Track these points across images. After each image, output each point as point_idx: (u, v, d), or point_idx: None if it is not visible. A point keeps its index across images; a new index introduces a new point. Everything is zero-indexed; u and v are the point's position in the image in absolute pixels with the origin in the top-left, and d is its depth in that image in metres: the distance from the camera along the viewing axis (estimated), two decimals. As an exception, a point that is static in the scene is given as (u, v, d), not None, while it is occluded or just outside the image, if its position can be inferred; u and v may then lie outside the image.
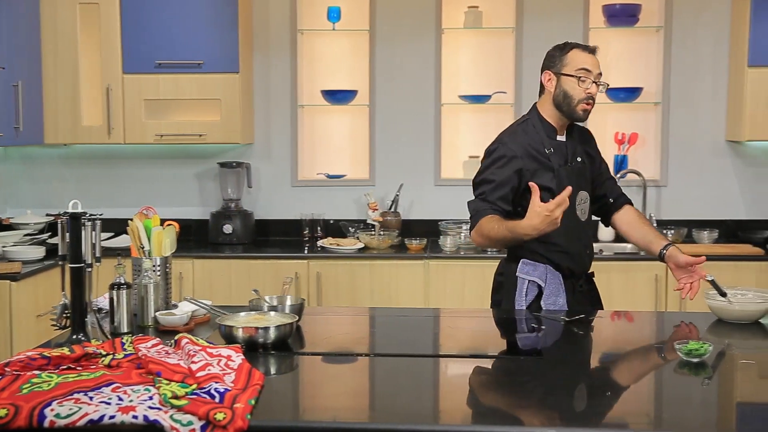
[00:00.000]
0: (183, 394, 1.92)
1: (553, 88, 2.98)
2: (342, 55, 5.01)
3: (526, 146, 2.96)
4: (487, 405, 2.10)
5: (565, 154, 3.03)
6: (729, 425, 2.04)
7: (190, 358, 2.15)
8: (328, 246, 4.60)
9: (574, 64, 2.95)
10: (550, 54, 3.03)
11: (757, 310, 2.83)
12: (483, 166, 3.02)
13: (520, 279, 2.99)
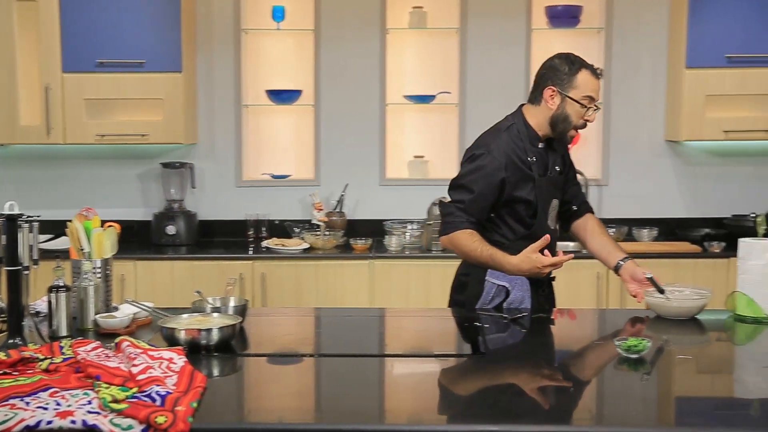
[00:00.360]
0: (123, 397, 1.89)
1: (555, 106, 2.93)
2: (287, 54, 4.98)
3: (510, 154, 2.93)
4: (431, 404, 2.10)
5: (545, 163, 3.02)
6: (668, 419, 2.07)
7: (131, 361, 2.12)
8: (272, 246, 4.57)
9: (583, 90, 2.90)
10: (557, 68, 2.94)
11: (694, 306, 2.89)
12: (466, 170, 2.96)
13: (489, 283, 2.98)
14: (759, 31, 4.46)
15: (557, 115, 2.94)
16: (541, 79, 2.98)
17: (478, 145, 3.00)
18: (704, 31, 4.49)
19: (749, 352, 2.67)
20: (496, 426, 1.89)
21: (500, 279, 2.97)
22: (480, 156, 2.94)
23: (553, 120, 2.95)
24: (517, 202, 2.95)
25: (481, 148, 2.97)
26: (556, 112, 2.93)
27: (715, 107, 4.55)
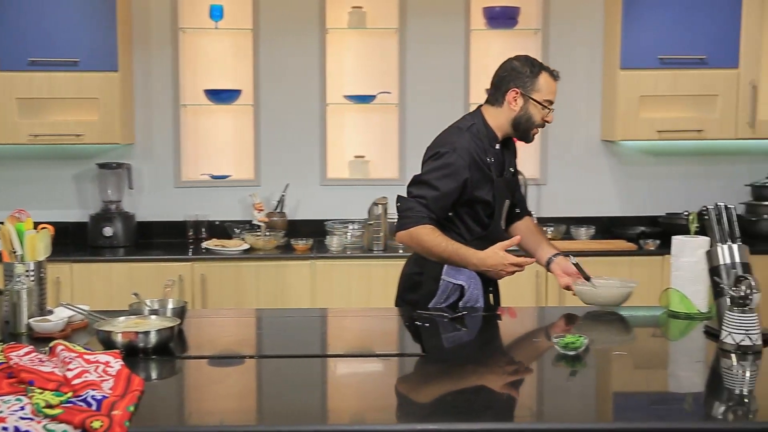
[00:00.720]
0: (57, 402, 1.85)
1: (519, 107, 2.98)
2: (225, 54, 4.94)
3: (473, 154, 2.95)
4: (374, 403, 2.10)
5: (501, 163, 3.06)
6: (606, 415, 2.11)
7: (66, 365, 2.07)
8: (212, 247, 4.53)
9: (544, 92, 2.97)
10: (519, 71, 2.99)
11: (619, 295, 2.96)
12: (430, 167, 2.95)
13: (444, 281, 2.99)
14: (690, 33, 4.56)
15: (520, 116, 2.99)
16: (502, 82, 3.01)
17: (442, 143, 3.00)
18: (638, 33, 4.58)
19: (682, 348, 2.73)
20: (438, 425, 1.90)
21: (456, 278, 2.98)
22: (445, 154, 2.93)
23: (516, 121, 3.00)
24: (476, 202, 2.97)
25: (445, 146, 2.96)
26: (519, 113, 2.98)
27: (648, 108, 4.64)
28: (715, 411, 2.06)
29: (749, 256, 2.62)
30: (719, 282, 2.58)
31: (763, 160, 4.96)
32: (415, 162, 4.86)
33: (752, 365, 2.35)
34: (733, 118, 4.62)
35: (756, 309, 2.43)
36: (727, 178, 4.98)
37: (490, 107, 3.05)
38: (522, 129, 3.01)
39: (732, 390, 2.22)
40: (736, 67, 4.58)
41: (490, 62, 4.91)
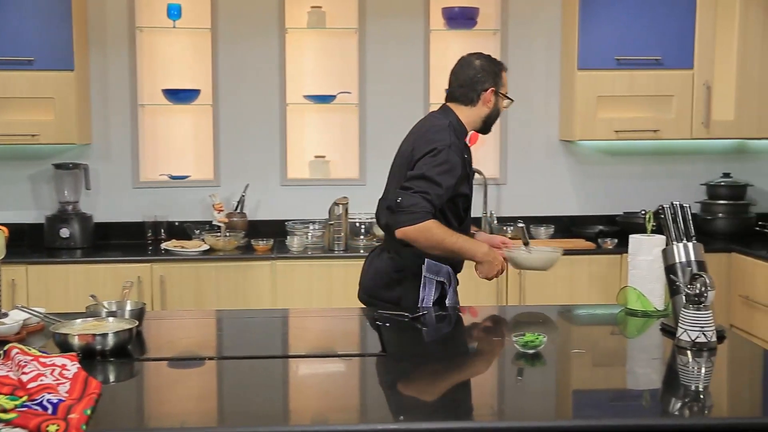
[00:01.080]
0: (12, 407, 1.82)
1: (493, 105, 3.13)
2: (184, 53, 4.90)
3: (460, 150, 3.04)
4: (335, 403, 2.10)
5: (469, 159, 3.15)
6: (566, 413, 2.13)
7: (21, 369, 2.04)
8: (172, 248, 4.49)
9: (506, 86, 3.19)
10: (494, 71, 3.14)
11: (547, 259, 3.14)
12: (432, 163, 2.95)
13: (428, 278, 3.05)
14: (646, 35, 4.63)
15: (493, 112, 3.16)
16: (476, 83, 3.12)
17: (435, 139, 3.01)
18: (595, 34, 4.63)
19: (640, 345, 2.77)
20: (399, 424, 1.90)
21: (438, 275, 3.06)
22: (443, 150, 2.96)
23: (490, 117, 3.16)
24: (459, 197, 3.06)
25: (440, 142, 2.99)
26: (493, 110, 3.15)
27: (606, 108, 4.70)
28: (671, 407, 2.09)
29: (704, 255, 2.66)
30: (675, 280, 2.62)
31: (717, 159, 5.05)
32: (376, 162, 4.89)
33: (707, 362, 2.39)
34: (689, 119, 4.69)
35: (711, 306, 2.47)
36: (682, 177, 5.05)
37: (462, 106, 3.14)
38: (491, 123, 3.19)
39: (688, 386, 2.26)
40: (691, 68, 4.65)
41: (450, 62, 4.93)
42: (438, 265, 3.05)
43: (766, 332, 4.13)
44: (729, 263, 4.47)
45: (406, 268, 3.08)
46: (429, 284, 3.06)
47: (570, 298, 4.37)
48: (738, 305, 4.39)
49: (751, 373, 2.48)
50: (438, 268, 3.06)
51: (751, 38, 4.65)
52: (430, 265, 3.04)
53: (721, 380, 2.34)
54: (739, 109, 4.70)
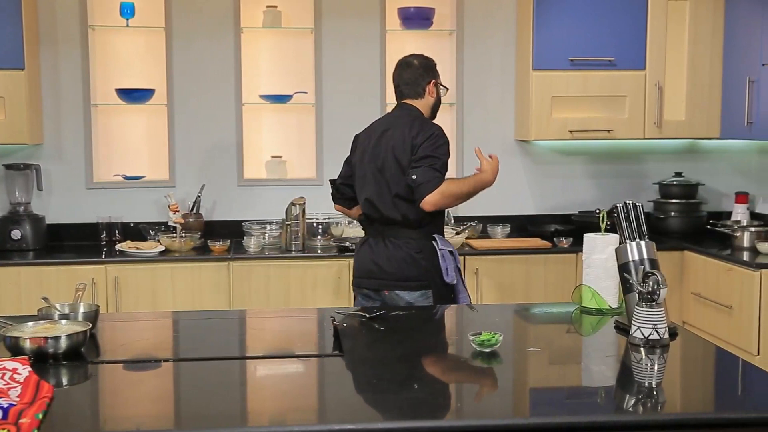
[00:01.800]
0: (-36, 412, 1.79)
1: (435, 95, 3.62)
2: (137, 52, 4.85)
3: None
4: (293, 404, 2.10)
5: None
6: (523, 410, 2.15)
7: (-27, 373, 2.01)
8: (126, 250, 4.44)
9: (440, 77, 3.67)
10: (432, 66, 3.63)
11: None
12: (436, 144, 3.44)
13: (442, 250, 3.46)
14: (599, 36, 4.68)
15: (437, 101, 3.64)
16: (421, 78, 3.58)
17: (432, 125, 3.52)
18: (549, 35, 4.67)
19: (594, 343, 2.80)
20: (357, 424, 1.91)
21: (447, 246, 3.50)
22: (440, 134, 3.48)
23: (436, 105, 3.64)
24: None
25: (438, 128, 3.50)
26: (436, 99, 3.63)
27: (560, 108, 4.74)
28: (625, 404, 2.13)
29: (657, 253, 2.70)
30: (628, 278, 2.65)
31: (669, 159, 5.13)
32: (333, 162, 4.88)
33: (660, 359, 2.43)
34: (641, 119, 4.76)
35: (663, 304, 2.51)
36: (635, 176, 5.13)
37: (414, 100, 3.59)
38: (437, 110, 3.66)
39: (641, 383, 2.30)
40: (643, 68, 4.72)
41: (406, 63, 4.99)
42: (444, 239, 3.52)
43: (717, 329, 4.21)
44: (681, 261, 4.55)
45: (424, 247, 3.46)
46: (445, 255, 3.45)
47: (526, 297, 4.41)
48: (690, 302, 4.47)
49: (703, 369, 2.52)
50: (444, 241, 3.51)
51: (701, 40, 4.73)
52: (439, 240, 3.48)
53: (674, 376, 2.39)
54: (690, 110, 4.78)
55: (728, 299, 4.12)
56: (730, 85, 4.66)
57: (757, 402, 2.22)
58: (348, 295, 4.36)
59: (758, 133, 4.36)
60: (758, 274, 3.94)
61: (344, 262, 4.38)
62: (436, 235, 3.50)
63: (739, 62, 4.55)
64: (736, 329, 4.07)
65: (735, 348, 4.00)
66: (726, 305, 4.12)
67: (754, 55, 4.38)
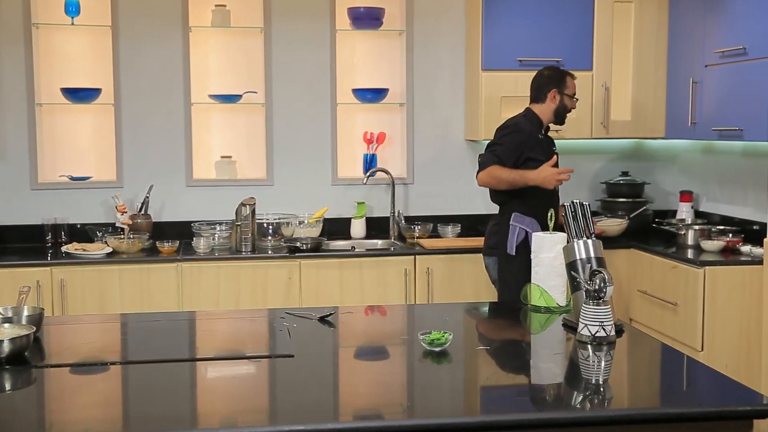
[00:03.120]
0: None
1: (558, 102, 4.11)
2: (83, 51, 4.77)
3: (529, 129, 4.04)
4: (244, 406, 2.09)
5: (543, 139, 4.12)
6: (474, 408, 2.17)
7: None
8: (73, 252, 4.37)
9: (571, 87, 4.16)
10: (558, 77, 4.12)
11: None
12: (503, 133, 4.03)
13: (512, 226, 3.96)
14: (547, 37, 4.73)
15: (560, 108, 4.13)
16: (544, 86, 4.12)
17: (513, 120, 4.11)
18: (497, 35, 4.71)
19: (543, 340, 2.84)
20: (308, 425, 1.90)
21: (521, 224, 3.93)
22: (506, 126, 4.07)
23: (558, 111, 4.14)
24: (530, 160, 3.96)
25: (513, 121, 4.09)
26: (558, 106, 4.11)
27: (510, 108, 4.76)
28: (573, 400, 2.16)
29: (603, 251, 2.74)
30: (576, 276, 2.69)
31: (616, 158, 5.21)
32: (283, 162, 4.88)
33: (607, 355, 2.47)
34: (589, 119, 4.82)
35: (610, 301, 2.55)
36: (583, 176, 5.19)
37: (534, 104, 4.14)
38: (561, 116, 4.16)
39: (589, 380, 2.33)
40: (590, 69, 4.79)
41: (356, 62, 5.00)
42: (521, 216, 3.95)
43: (663, 326, 4.29)
44: (628, 259, 4.62)
45: (501, 221, 4.04)
46: (514, 231, 3.94)
47: (476, 296, 4.43)
48: (637, 300, 4.54)
49: (649, 365, 2.57)
50: (521, 218, 3.94)
51: (646, 41, 4.81)
52: (515, 216, 3.96)
53: (621, 373, 2.43)
54: (636, 110, 4.86)
55: (673, 296, 4.19)
56: (674, 86, 4.74)
57: (702, 397, 2.27)
58: (299, 296, 4.36)
59: (702, 133, 4.45)
60: (702, 271, 4.02)
61: (295, 262, 4.37)
62: (515, 212, 3.97)
63: (683, 63, 4.64)
64: (681, 326, 4.15)
65: (680, 344, 4.08)
66: (671, 302, 4.20)
67: (697, 56, 4.46)
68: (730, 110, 4.16)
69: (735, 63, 4.10)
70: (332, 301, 4.30)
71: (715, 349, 4.01)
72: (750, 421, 2.08)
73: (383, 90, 4.95)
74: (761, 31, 3.87)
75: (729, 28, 4.16)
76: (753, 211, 4.52)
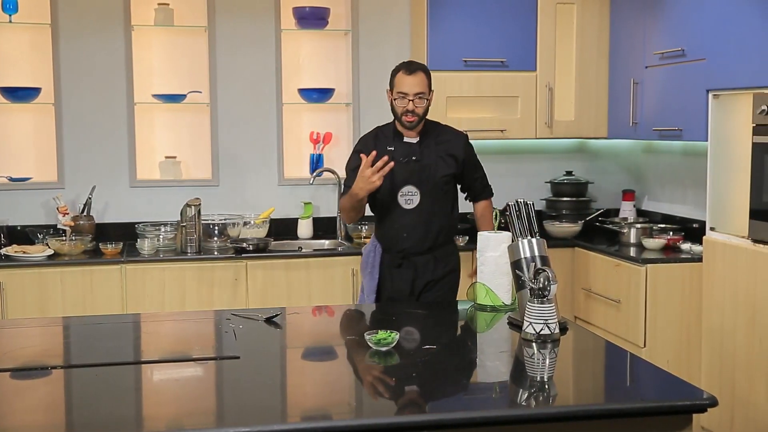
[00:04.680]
0: None
1: (390, 103, 3.56)
2: (22, 49, 4.68)
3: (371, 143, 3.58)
4: (190, 408, 2.07)
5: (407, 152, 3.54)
6: (420, 407, 2.18)
7: None
8: (13, 254, 4.28)
9: (398, 85, 3.51)
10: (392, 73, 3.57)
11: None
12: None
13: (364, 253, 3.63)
14: (491, 38, 4.77)
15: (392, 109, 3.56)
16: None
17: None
18: (442, 36, 4.74)
19: (489, 339, 2.86)
20: (254, 426, 1.90)
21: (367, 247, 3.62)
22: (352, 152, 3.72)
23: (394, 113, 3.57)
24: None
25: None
26: (391, 107, 3.56)
27: (455, 108, 4.82)
28: (519, 398, 2.18)
29: (548, 250, 2.78)
30: (520, 275, 2.72)
31: (560, 158, 5.27)
32: (228, 162, 4.84)
33: (551, 353, 2.50)
34: (533, 119, 4.88)
35: (554, 299, 2.58)
36: (528, 175, 5.25)
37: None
38: (398, 120, 3.56)
39: (534, 377, 2.36)
40: (534, 70, 4.84)
41: (302, 62, 4.98)
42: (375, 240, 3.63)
43: (606, 323, 4.36)
44: (572, 258, 4.68)
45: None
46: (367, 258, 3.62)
47: (423, 295, 4.45)
48: (581, 298, 4.61)
49: (593, 362, 2.61)
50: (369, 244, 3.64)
51: (588, 42, 4.88)
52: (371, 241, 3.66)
53: (566, 370, 2.46)
54: (579, 110, 4.93)
55: (616, 294, 4.26)
56: (615, 86, 4.82)
57: (644, 393, 2.31)
58: (245, 297, 4.33)
59: (642, 133, 4.54)
60: (644, 269, 4.09)
61: (241, 263, 4.34)
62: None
63: (624, 64, 4.72)
64: (624, 323, 4.22)
65: (623, 341, 4.15)
66: (614, 300, 4.27)
67: (637, 57, 4.55)
68: (669, 111, 4.25)
69: (674, 64, 4.19)
70: (279, 302, 4.29)
71: (657, 345, 4.09)
72: (690, 416, 2.13)
73: (329, 90, 4.94)
74: (699, 32, 3.96)
75: (668, 30, 4.24)
76: (692, 209, 4.62)
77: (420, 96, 3.48)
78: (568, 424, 2.05)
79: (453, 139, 3.69)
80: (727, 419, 3.65)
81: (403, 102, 3.48)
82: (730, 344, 3.65)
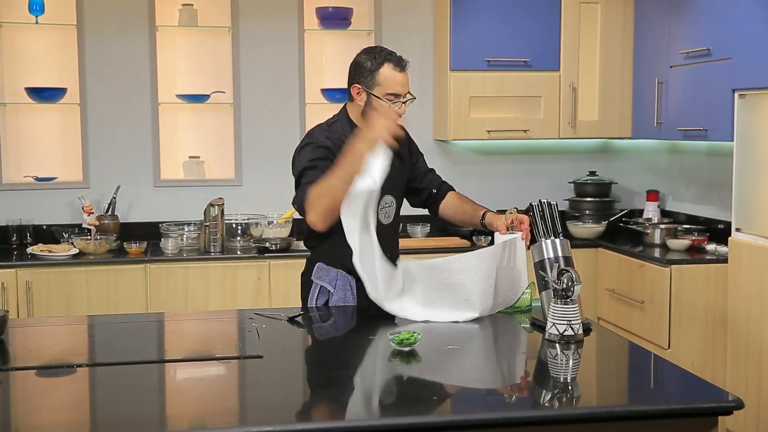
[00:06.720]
0: None
1: (364, 102, 2.91)
2: (48, 50, 4.72)
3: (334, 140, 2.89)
4: (213, 407, 2.08)
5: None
6: (444, 408, 2.17)
7: None
8: (38, 253, 4.32)
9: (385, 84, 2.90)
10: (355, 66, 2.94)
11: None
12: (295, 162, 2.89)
13: (314, 283, 3.03)
14: (514, 37, 4.76)
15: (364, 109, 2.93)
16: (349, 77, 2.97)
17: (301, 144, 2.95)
18: (466, 36, 4.73)
19: (511, 340, 2.84)
20: (277, 426, 1.90)
21: (322, 279, 3.02)
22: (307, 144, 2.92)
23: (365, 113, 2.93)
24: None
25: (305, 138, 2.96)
26: (364, 106, 2.93)
27: (478, 108, 4.81)
28: (542, 399, 2.17)
29: (571, 250, 2.77)
30: (543, 275, 2.71)
31: (583, 158, 5.25)
32: (251, 162, 4.86)
33: (575, 354, 2.49)
34: (556, 119, 4.86)
35: (577, 300, 2.57)
36: (551, 175, 5.23)
37: (349, 103, 3.02)
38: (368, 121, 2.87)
39: (557, 378, 2.35)
40: (558, 69, 4.82)
41: (325, 62, 4.99)
42: (326, 268, 3.04)
43: (630, 324, 4.33)
44: (596, 258, 4.66)
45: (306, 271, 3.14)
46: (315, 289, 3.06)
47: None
48: (605, 298, 4.58)
49: (616, 363, 2.60)
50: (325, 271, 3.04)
51: (612, 42, 4.85)
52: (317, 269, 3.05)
53: (589, 371, 2.45)
54: (603, 110, 4.90)
55: (640, 295, 4.24)
56: (640, 86, 4.79)
57: (668, 394, 2.29)
58: (268, 296, 4.34)
59: (667, 133, 4.50)
60: (668, 270, 4.06)
61: (264, 263, 4.35)
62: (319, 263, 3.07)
63: (649, 64, 4.68)
64: (648, 324, 4.19)
65: (647, 342, 4.12)
66: (638, 301, 4.24)
67: (662, 57, 4.51)
68: (694, 110, 4.22)
69: (699, 64, 4.16)
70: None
71: (682, 346, 4.06)
72: (715, 418, 2.11)
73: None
74: (724, 32, 3.92)
75: (693, 29, 4.21)
76: (717, 210, 4.58)
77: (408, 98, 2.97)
78: (591, 426, 2.04)
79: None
80: (753, 422, 3.61)
81: (395, 105, 2.92)
82: (756, 346, 3.61)
